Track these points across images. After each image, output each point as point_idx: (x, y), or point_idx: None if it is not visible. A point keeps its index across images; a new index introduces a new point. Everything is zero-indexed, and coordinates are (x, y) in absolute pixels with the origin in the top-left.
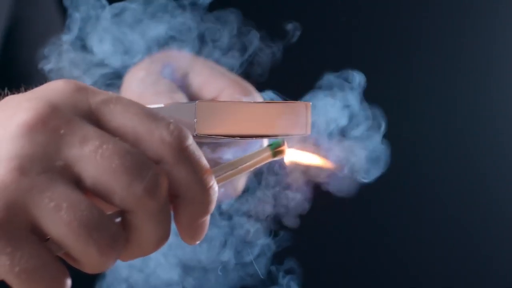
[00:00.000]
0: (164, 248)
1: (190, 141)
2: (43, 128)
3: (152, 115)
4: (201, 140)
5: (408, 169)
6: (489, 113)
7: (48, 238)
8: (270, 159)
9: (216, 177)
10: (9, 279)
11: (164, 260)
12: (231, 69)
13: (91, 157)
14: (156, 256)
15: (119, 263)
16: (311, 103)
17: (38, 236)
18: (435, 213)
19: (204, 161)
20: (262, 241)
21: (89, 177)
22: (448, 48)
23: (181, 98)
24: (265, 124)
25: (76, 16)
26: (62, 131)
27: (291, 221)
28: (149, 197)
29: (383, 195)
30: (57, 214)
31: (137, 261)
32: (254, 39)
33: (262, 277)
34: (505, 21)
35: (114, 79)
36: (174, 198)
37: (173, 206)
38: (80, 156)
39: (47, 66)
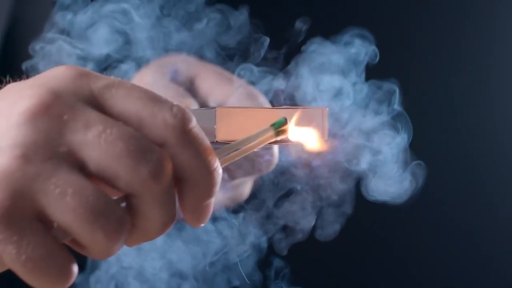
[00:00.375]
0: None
1: (194, 123)
2: (46, 114)
3: (155, 98)
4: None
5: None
6: (489, 113)
7: (54, 226)
8: (273, 139)
9: (219, 159)
10: (16, 268)
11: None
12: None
13: (95, 142)
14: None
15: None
16: (327, 108)
17: (44, 223)
18: (435, 213)
19: (208, 144)
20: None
21: (93, 162)
22: (448, 48)
23: (192, 103)
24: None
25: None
26: (65, 117)
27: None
28: (154, 180)
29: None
30: (63, 201)
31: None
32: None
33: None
34: (505, 21)
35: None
36: (178, 181)
37: (177, 189)
38: (84, 142)
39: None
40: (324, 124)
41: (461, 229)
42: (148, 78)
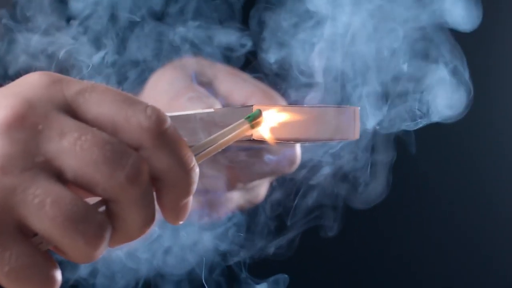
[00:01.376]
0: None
1: (168, 124)
2: (21, 125)
3: (128, 101)
4: (251, 145)
5: (407, 169)
6: (489, 113)
7: (36, 234)
8: (249, 131)
9: (196, 155)
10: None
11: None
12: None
13: (70, 150)
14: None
15: None
16: (359, 108)
17: (26, 233)
18: (434, 214)
19: (184, 143)
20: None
21: (70, 170)
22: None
23: (215, 103)
24: (316, 129)
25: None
26: (40, 127)
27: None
28: (131, 185)
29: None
30: (42, 210)
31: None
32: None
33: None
34: (505, 21)
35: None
36: (156, 181)
37: (155, 189)
38: (60, 150)
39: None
40: (356, 123)
41: (461, 229)
42: (166, 80)
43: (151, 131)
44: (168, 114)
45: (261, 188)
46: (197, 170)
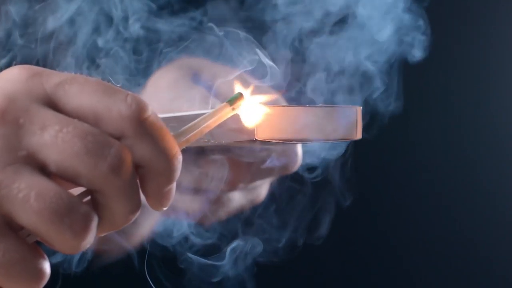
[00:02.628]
0: None
1: (149, 112)
2: (2, 120)
3: (109, 90)
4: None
5: (407, 169)
6: (489, 113)
7: (23, 227)
8: (231, 113)
9: (179, 141)
10: None
11: None
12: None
13: (52, 142)
14: None
15: None
16: (361, 107)
17: (12, 228)
18: (434, 214)
19: (166, 130)
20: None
21: (53, 162)
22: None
23: (216, 103)
24: (319, 129)
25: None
26: (21, 121)
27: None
28: (114, 175)
29: (383, 196)
30: (27, 204)
31: None
32: None
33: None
34: (505, 21)
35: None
36: (139, 169)
37: (139, 177)
38: (42, 143)
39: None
40: (358, 123)
41: (461, 230)
42: (166, 80)
43: (132, 119)
44: (169, 115)
45: (262, 188)
46: (179, 157)
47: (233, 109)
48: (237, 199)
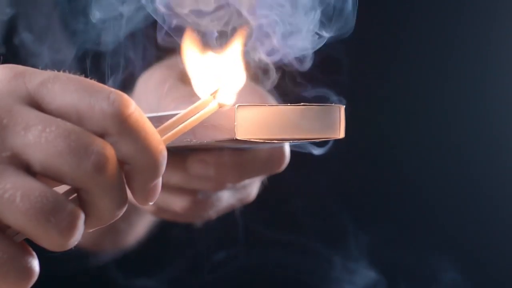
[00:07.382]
0: None
1: (132, 109)
2: None
3: (91, 88)
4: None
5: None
6: (489, 113)
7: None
8: (214, 106)
9: (163, 136)
10: None
11: None
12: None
13: (36, 142)
14: None
15: None
16: (344, 106)
17: (0, 228)
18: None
19: (150, 126)
20: None
21: (37, 162)
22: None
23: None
24: (301, 128)
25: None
26: (4, 121)
27: None
28: (98, 173)
29: (382, 196)
30: (13, 205)
31: None
32: None
33: None
34: (505, 21)
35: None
36: (124, 165)
37: (124, 173)
38: (26, 143)
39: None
40: (341, 121)
41: (461, 230)
42: (155, 80)
43: (115, 117)
44: (156, 114)
45: (252, 187)
46: (164, 152)
47: (217, 103)
48: (226, 198)
